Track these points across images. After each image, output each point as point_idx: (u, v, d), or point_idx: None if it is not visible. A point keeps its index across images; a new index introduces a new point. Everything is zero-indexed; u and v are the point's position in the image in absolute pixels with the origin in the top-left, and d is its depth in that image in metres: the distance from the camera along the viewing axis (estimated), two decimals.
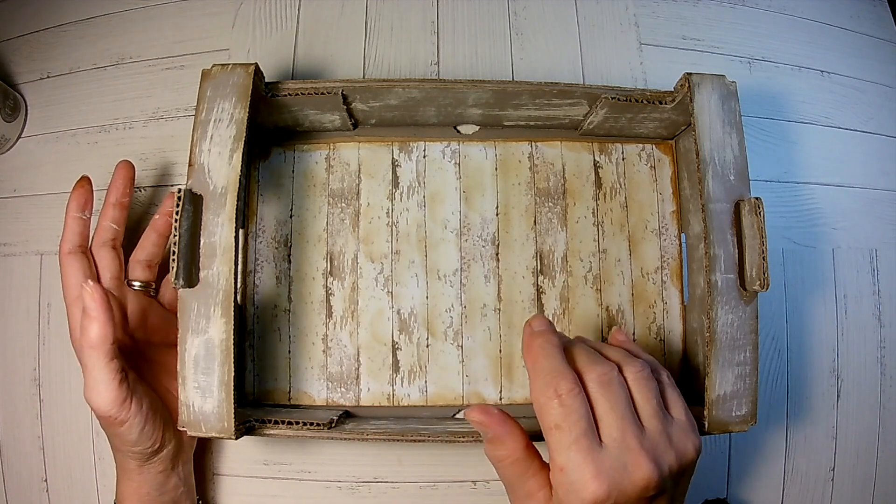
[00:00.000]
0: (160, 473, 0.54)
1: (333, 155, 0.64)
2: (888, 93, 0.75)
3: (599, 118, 0.61)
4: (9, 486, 0.64)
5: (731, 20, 0.75)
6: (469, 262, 0.63)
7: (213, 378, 0.49)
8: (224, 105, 0.52)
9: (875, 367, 0.68)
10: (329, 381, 0.61)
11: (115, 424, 0.50)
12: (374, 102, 0.59)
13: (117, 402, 0.49)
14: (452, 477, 0.63)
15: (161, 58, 0.70)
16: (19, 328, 0.66)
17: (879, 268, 0.70)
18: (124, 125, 0.68)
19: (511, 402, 0.61)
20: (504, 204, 0.64)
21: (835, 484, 0.66)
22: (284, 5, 0.71)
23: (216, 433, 0.48)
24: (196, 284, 0.49)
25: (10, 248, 0.67)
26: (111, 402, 0.49)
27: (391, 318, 0.62)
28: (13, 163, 0.69)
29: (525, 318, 0.62)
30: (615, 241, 0.64)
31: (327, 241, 0.62)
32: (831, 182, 0.71)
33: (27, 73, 0.71)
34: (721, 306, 0.51)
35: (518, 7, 0.72)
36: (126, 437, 0.51)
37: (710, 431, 0.51)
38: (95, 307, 0.48)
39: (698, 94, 0.55)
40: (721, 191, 0.53)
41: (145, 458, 0.53)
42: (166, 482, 0.55)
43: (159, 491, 0.54)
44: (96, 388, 0.49)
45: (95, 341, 0.48)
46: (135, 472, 0.53)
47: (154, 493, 0.54)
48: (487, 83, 0.57)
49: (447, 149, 0.64)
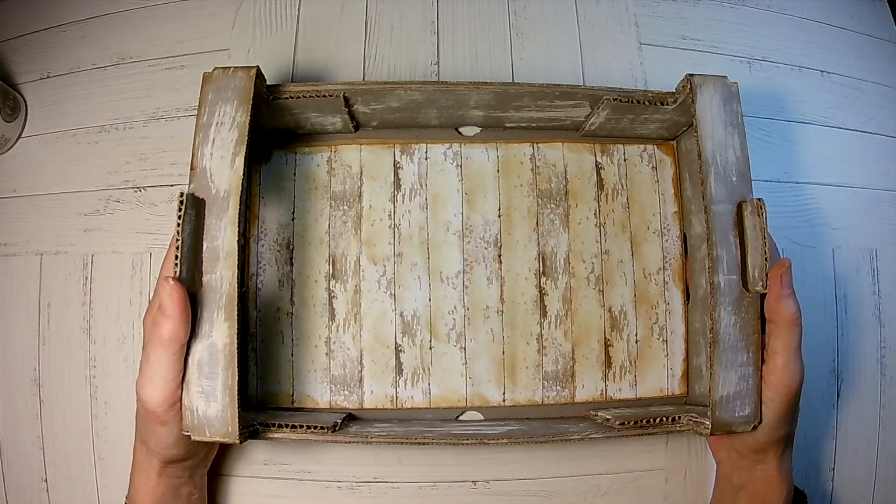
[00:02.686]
0: (178, 479, 0.54)
1: (335, 157, 0.64)
2: (888, 93, 0.75)
3: (601, 119, 0.61)
4: (9, 486, 0.64)
5: (731, 20, 0.75)
6: (471, 264, 0.63)
7: (216, 382, 0.48)
8: (226, 108, 0.52)
9: (875, 367, 0.68)
10: (332, 383, 0.61)
11: (156, 422, 0.50)
12: (375, 105, 0.59)
13: (167, 402, 0.49)
14: (452, 477, 0.63)
15: (161, 58, 0.70)
16: (19, 328, 0.66)
17: (879, 268, 0.70)
18: (124, 125, 0.68)
19: (514, 404, 0.61)
20: (506, 205, 0.64)
21: (835, 484, 0.66)
22: (284, 5, 0.71)
23: (220, 437, 0.48)
24: (199, 288, 0.49)
25: (10, 248, 0.67)
26: (163, 400, 0.48)
27: (394, 320, 0.62)
28: (13, 163, 0.69)
29: (527, 320, 0.62)
30: (617, 242, 0.64)
31: (329, 243, 0.62)
32: (831, 182, 0.71)
33: (27, 73, 0.71)
34: (723, 307, 0.52)
35: (518, 7, 0.72)
36: (162, 439, 0.51)
37: (713, 432, 0.51)
38: (172, 307, 0.47)
39: (700, 96, 0.55)
40: (723, 192, 0.53)
41: (170, 462, 0.53)
42: (181, 488, 0.55)
43: (174, 494, 0.54)
44: (153, 382, 0.48)
45: (167, 339, 0.48)
46: (154, 472, 0.53)
47: (169, 494, 0.54)
48: (489, 85, 0.57)
49: (449, 151, 0.64)
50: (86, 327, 0.65)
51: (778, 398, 0.52)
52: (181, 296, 0.48)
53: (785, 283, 0.51)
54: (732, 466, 0.58)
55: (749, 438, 0.54)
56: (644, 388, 0.62)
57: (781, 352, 0.51)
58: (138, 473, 0.54)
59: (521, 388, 0.62)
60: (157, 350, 0.48)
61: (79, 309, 0.65)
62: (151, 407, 0.49)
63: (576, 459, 0.64)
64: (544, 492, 0.63)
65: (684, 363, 0.63)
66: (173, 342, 0.48)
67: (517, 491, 0.63)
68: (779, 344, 0.51)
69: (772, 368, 0.52)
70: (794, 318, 0.51)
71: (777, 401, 0.52)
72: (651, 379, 0.62)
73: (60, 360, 0.65)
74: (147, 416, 0.50)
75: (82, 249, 0.66)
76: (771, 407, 0.52)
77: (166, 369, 0.48)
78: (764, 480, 0.56)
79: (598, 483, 0.63)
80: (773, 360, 0.52)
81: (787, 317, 0.51)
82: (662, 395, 0.62)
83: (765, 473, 0.56)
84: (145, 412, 0.50)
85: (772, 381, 0.52)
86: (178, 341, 0.48)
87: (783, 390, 0.51)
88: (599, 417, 0.57)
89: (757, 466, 0.56)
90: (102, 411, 0.63)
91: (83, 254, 0.66)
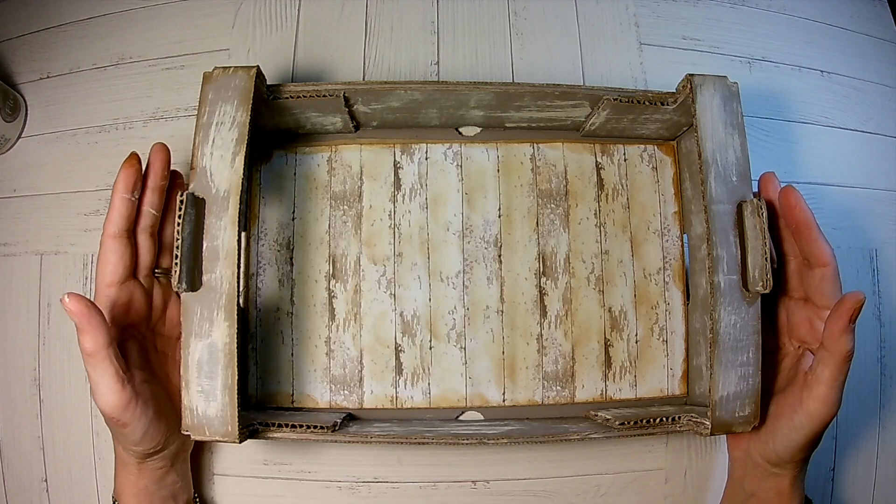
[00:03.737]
0: (160, 469, 0.54)
1: (335, 157, 0.64)
2: (888, 93, 0.75)
3: (601, 119, 0.61)
4: (9, 486, 0.64)
5: (731, 20, 0.75)
6: (471, 264, 0.63)
7: (216, 382, 0.49)
8: (226, 108, 0.52)
9: (875, 367, 0.68)
10: (332, 383, 0.61)
11: (117, 426, 0.50)
12: (375, 104, 0.59)
13: (120, 406, 0.48)
14: (452, 477, 0.63)
15: (161, 58, 0.70)
16: (19, 328, 0.65)
17: (879, 268, 0.70)
18: (124, 125, 0.68)
19: (514, 404, 0.61)
20: (506, 206, 0.64)
21: (835, 484, 0.66)
22: (284, 5, 0.71)
23: (220, 437, 0.49)
24: (199, 288, 0.49)
25: (10, 248, 0.67)
26: (114, 405, 0.48)
27: (394, 320, 0.62)
28: (13, 163, 0.69)
29: (527, 320, 0.62)
30: (617, 242, 0.64)
31: (329, 243, 0.62)
32: (831, 182, 0.71)
33: (27, 73, 0.71)
34: (724, 307, 0.52)
35: (518, 7, 0.72)
36: (129, 438, 0.51)
37: (713, 432, 0.51)
38: (79, 319, 0.46)
39: (700, 96, 0.55)
40: (723, 192, 0.53)
41: (146, 455, 0.53)
42: (165, 477, 0.55)
43: (157, 485, 0.55)
44: (99, 392, 0.48)
45: (90, 350, 0.47)
46: (134, 467, 0.53)
47: (152, 486, 0.54)
48: (489, 85, 0.57)
49: (449, 150, 0.64)
50: None
51: (810, 426, 0.51)
52: (80, 306, 0.46)
53: (854, 318, 0.50)
54: (746, 471, 0.58)
55: (770, 452, 0.54)
56: (644, 388, 0.62)
57: (827, 383, 0.50)
58: (120, 468, 0.54)
59: (521, 389, 0.62)
60: (88, 363, 0.48)
61: None
62: (108, 413, 0.49)
63: (576, 459, 0.64)
64: (544, 492, 0.63)
65: (684, 363, 0.63)
66: (98, 350, 0.47)
67: (517, 491, 0.63)
68: (826, 374, 0.50)
69: (813, 396, 0.51)
70: (850, 354, 0.50)
71: (809, 428, 0.51)
72: (651, 379, 0.62)
73: (60, 360, 0.65)
74: (109, 423, 0.50)
75: (82, 249, 0.66)
76: (801, 433, 0.52)
77: (105, 376, 0.48)
78: (775, 491, 0.56)
79: (598, 483, 0.63)
80: (817, 389, 0.51)
81: (844, 352, 0.50)
82: (662, 396, 0.62)
83: (777, 485, 0.56)
84: (107, 420, 0.50)
85: (809, 408, 0.51)
86: (102, 347, 0.47)
87: (817, 420, 0.51)
88: (599, 418, 0.57)
89: (770, 478, 0.56)
90: None
91: (83, 254, 0.66)
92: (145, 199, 0.54)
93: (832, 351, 0.50)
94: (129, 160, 0.53)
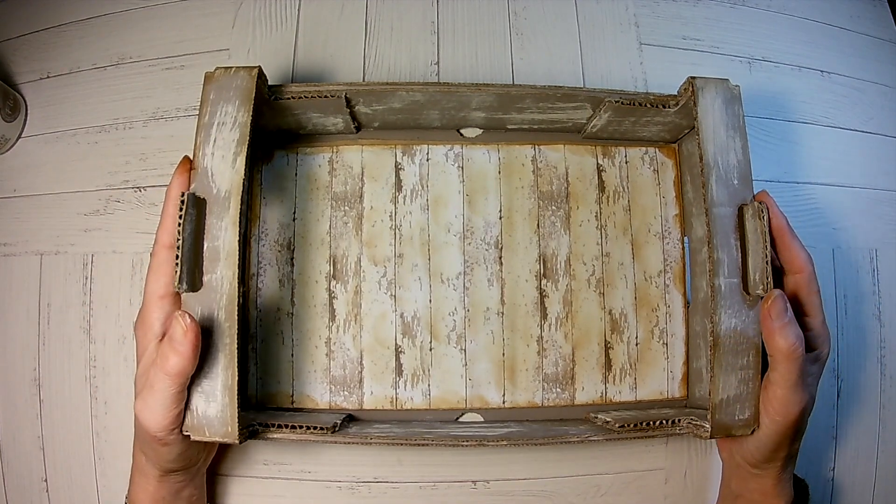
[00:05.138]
0: (179, 483, 0.54)
1: (336, 158, 0.64)
2: (888, 93, 0.75)
3: (603, 121, 0.61)
4: (9, 486, 0.64)
5: (731, 20, 0.75)
6: (472, 266, 0.63)
7: (216, 382, 0.48)
8: (227, 108, 0.52)
9: (875, 367, 0.68)
10: (332, 384, 0.61)
11: (157, 444, 0.49)
12: (377, 105, 0.59)
13: (167, 428, 0.48)
14: (452, 477, 0.63)
15: (161, 58, 0.69)
16: (19, 328, 0.65)
17: (879, 268, 0.70)
18: (124, 125, 0.68)
19: (514, 406, 0.62)
20: (507, 207, 0.64)
21: (835, 484, 0.66)
22: (284, 5, 0.71)
23: (220, 437, 0.48)
24: (199, 288, 0.49)
25: (10, 248, 0.67)
26: (162, 427, 0.48)
27: (394, 321, 0.62)
28: (13, 163, 0.68)
29: (528, 322, 0.62)
30: (618, 244, 0.64)
31: (330, 244, 0.62)
32: (831, 182, 0.71)
33: (27, 73, 0.71)
34: (724, 310, 0.52)
35: (518, 7, 0.72)
36: (163, 456, 0.50)
37: (713, 435, 0.51)
38: (186, 346, 0.46)
39: (702, 98, 0.55)
40: (724, 195, 0.53)
41: (171, 471, 0.52)
42: (182, 490, 0.55)
43: (175, 497, 0.54)
44: (153, 409, 0.47)
45: (173, 372, 0.46)
46: (154, 479, 0.53)
47: (170, 497, 0.54)
48: (491, 86, 0.57)
49: (450, 152, 0.64)
50: (86, 327, 0.65)
51: (774, 426, 0.51)
52: (195, 336, 0.46)
53: (775, 315, 0.50)
54: (732, 472, 0.58)
55: (747, 453, 0.54)
56: (644, 390, 0.62)
57: (779, 383, 0.51)
58: (138, 476, 0.54)
59: (520, 390, 0.62)
60: (162, 380, 0.47)
61: (79, 309, 0.65)
62: (152, 431, 0.48)
63: (576, 460, 0.64)
64: (544, 492, 0.63)
65: (684, 366, 0.63)
66: (179, 376, 0.47)
67: (517, 491, 0.63)
68: (776, 376, 0.51)
69: (770, 397, 0.51)
70: (791, 351, 0.50)
71: (772, 428, 0.51)
72: (651, 382, 0.63)
73: (60, 360, 0.65)
74: (146, 436, 0.49)
75: (82, 249, 0.66)
76: (766, 433, 0.52)
77: (169, 400, 0.47)
78: (760, 492, 0.56)
79: (598, 483, 0.63)
80: (772, 390, 0.51)
81: (783, 350, 0.50)
82: (662, 398, 0.62)
83: (760, 486, 0.56)
84: (145, 433, 0.49)
85: (769, 410, 0.51)
86: (183, 375, 0.47)
87: (780, 420, 0.51)
88: (599, 420, 0.57)
89: (752, 479, 0.56)
90: (102, 411, 0.63)
91: (83, 254, 0.66)
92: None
93: (772, 352, 0.50)
94: (182, 164, 0.52)
